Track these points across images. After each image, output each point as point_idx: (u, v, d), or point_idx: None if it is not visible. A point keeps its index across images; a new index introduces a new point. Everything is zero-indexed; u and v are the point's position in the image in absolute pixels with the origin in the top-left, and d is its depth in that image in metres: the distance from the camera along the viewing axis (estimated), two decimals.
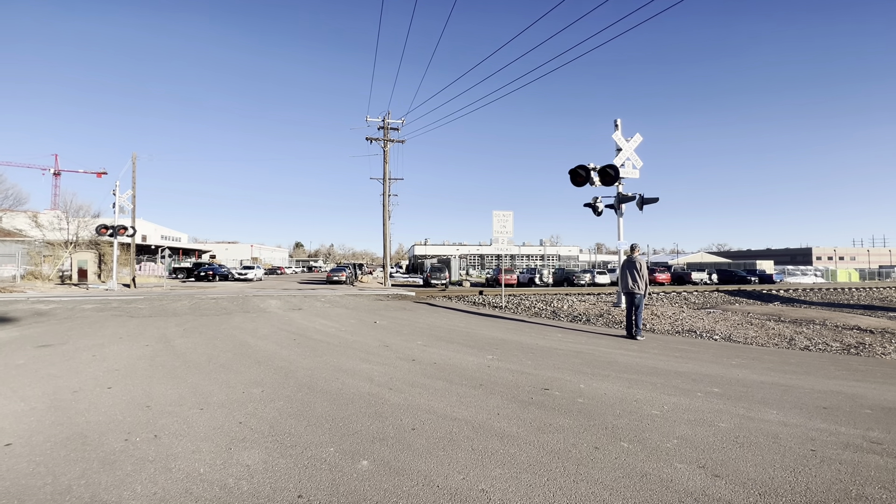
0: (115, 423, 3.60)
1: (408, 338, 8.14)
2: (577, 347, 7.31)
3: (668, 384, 5.01)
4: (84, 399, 4.24)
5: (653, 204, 12.10)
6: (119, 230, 23.64)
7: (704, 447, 3.24)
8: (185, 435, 3.38)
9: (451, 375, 5.31)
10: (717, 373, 5.59)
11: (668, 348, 7.39)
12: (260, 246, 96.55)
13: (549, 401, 4.33)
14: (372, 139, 28.29)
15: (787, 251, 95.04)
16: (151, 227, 67.73)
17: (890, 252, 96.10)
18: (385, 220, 29.15)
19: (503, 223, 13.61)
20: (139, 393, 4.45)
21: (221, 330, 8.88)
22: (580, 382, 5.03)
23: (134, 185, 25.25)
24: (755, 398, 4.49)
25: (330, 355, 6.47)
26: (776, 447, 3.26)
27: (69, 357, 6.17)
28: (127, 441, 3.25)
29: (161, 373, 5.30)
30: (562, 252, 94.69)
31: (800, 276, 50.53)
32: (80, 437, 3.32)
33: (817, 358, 6.84)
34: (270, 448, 3.16)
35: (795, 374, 5.58)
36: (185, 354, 6.40)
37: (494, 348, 7.14)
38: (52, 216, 32.28)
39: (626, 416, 3.90)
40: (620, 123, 12.52)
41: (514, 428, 3.59)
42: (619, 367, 5.86)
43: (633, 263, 8.13)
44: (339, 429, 3.54)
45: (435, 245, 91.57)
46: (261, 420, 3.71)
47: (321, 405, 4.12)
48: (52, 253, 29.94)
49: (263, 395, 4.40)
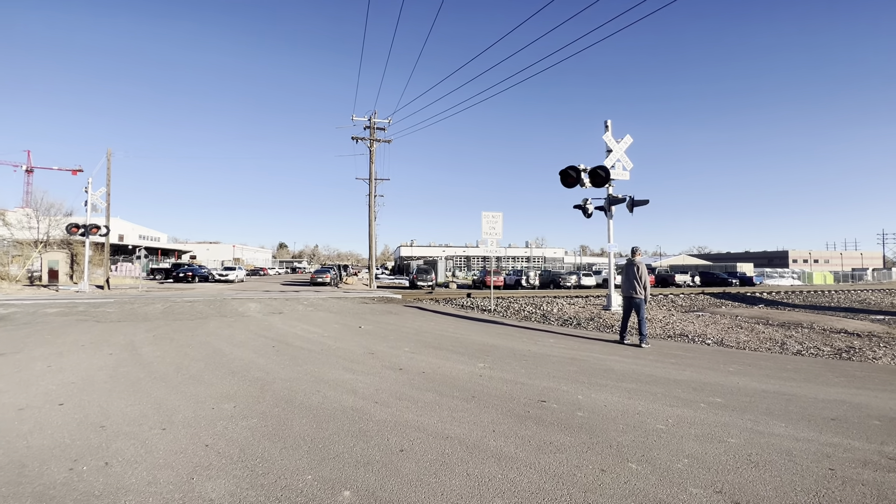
0: (60, 448, 3.17)
1: (394, 344, 7.77)
2: (570, 354, 7.06)
3: (668, 394, 4.77)
4: (30, 418, 3.78)
5: (642, 206, 12.00)
6: (91, 229, 22.65)
7: (718, 468, 2.98)
8: (140, 461, 2.97)
9: (442, 386, 4.98)
10: (716, 381, 5.40)
11: (663, 354, 7.20)
12: (242, 246, 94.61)
13: (546, 415, 4.03)
14: (358, 139, 27.82)
15: (764, 254, 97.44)
16: (129, 227, 65.62)
17: (861, 255, 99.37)
18: (371, 220, 28.68)
19: (492, 224, 13.35)
20: (94, 410, 4.00)
21: (195, 336, 8.36)
22: (578, 393, 4.76)
23: (108, 183, 24.26)
24: (760, 409, 4.28)
25: (311, 364, 6.07)
26: (793, 466, 3.03)
27: (21, 368, 5.63)
28: (71, 471, 2.83)
29: (122, 386, 4.83)
30: (547, 254, 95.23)
31: (778, 279, 51.79)
32: (17, 466, 2.88)
33: (812, 363, 6.74)
34: (239, 477, 2.78)
35: (795, 382, 5.42)
36: (152, 364, 5.92)
37: (485, 355, 6.84)
38: (21, 214, 30.84)
39: (630, 432, 3.63)
40: (611, 125, 12.40)
41: (512, 448, 3.29)
42: (617, 375, 5.62)
43: (634, 267, 7.92)
44: (318, 451, 3.17)
45: (421, 246, 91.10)
46: (230, 442, 3.32)
47: (300, 423, 3.74)
48: (21, 253, 28.57)
49: (235, 412, 4.00)
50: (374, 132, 27.90)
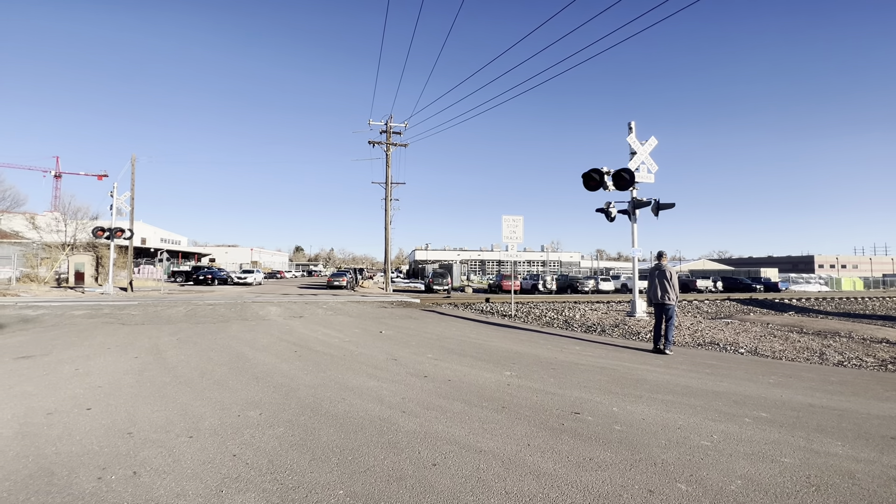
0: (89, 456, 3.12)
1: (417, 350, 7.64)
2: (599, 362, 6.82)
3: (708, 407, 4.53)
4: (59, 423, 3.76)
5: (668, 210, 11.67)
6: (116, 232, 23.20)
7: (776, 491, 2.76)
8: (168, 471, 2.89)
9: (469, 396, 4.82)
10: (757, 393, 5.11)
11: (696, 363, 6.91)
12: (260, 250, 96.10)
13: (582, 428, 3.84)
14: (374, 143, 27.95)
15: (789, 259, 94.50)
16: (151, 230, 67.28)
17: (892, 260, 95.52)
18: (387, 224, 28.74)
19: (513, 228, 13.14)
20: (122, 416, 3.96)
21: (217, 340, 8.38)
22: (612, 405, 4.54)
23: (133, 187, 24.85)
24: (810, 425, 4.01)
25: (334, 370, 5.98)
26: (858, 491, 2.79)
27: (49, 371, 5.67)
28: (100, 480, 2.77)
29: (148, 390, 4.81)
30: (563, 258, 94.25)
31: (804, 285, 50.03)
32: (47, 474, 2.84)
33: (857, 375, 6.37)
34: (269, 490, 2.68)
35: (843, 396, 5.10)
36: (177, 368, 5.91)
37: (511, 363, 6.65)
38: (49, 218, 31.82)
39: (673, 448, 3.41)
40: (634, 126, 12.11)
41: (550, 463, 3.11)
42: (650, 385, 5.38)
43: (664, 272, 7.64)
44: (348, 464, 3.05)
45: (436, 250, 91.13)
46: (258, 452, 3.23)
47: (327, 432, 3.64)
48: (49, 255, 29.47)
49: (262, 420, 3.91)
50: (391, 136, 27.99)
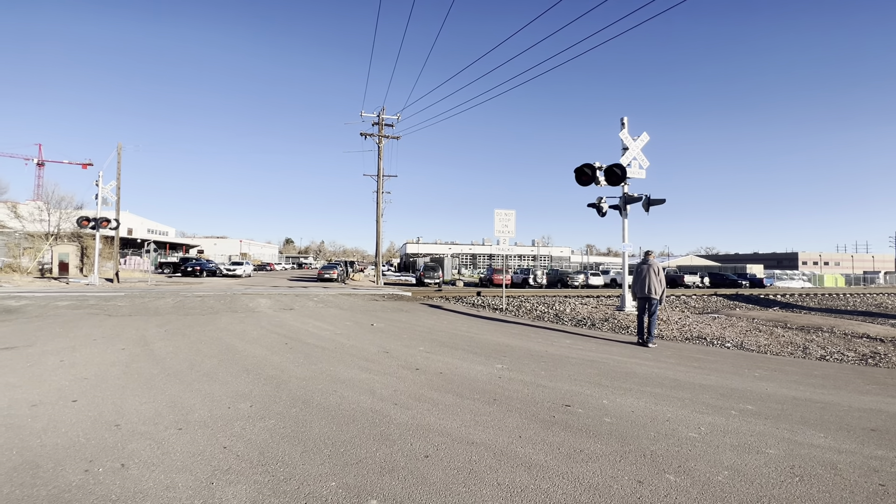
0: (76, 448, 3.07)
1: (408, 343, 7.65)
2: (589, 356, 6.89)
3: (696, 400, 4.61)
4: (43, 415, 3.69)
5: (658, 205, 11.77)
6: (101, 222, 22.75)
7: (762, 481, 2.82)
8: (158, 464, 2.86)
9: (461, 388, 4.84)
10: (743, 386, 5.21)
11: (684, 357, 7.02)
12: (249, 241, 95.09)
13: (573, 420, 3.89)
14: (366, 135, 27.72)
15: (773, 255, 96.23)
16: (138, 221, 65.99)
17: (873, 258, 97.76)
18: (378, 217, 28.61)
19: (505, 222, 13.16)
20: (109, 408, 3.91)
21: (207, 332, 8.29)
22: (602, 397, 4.60)
23: (119, 177, 24.35)
24: (794, 418, 4.10)
25: (325, 362, 5.95)
26: (840, 481, 2.86)
27: (33, 362, 5.56)
28: (87, 472, 2.73)
29: (136, 382, 4.74)
30: (553, 253, 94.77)
31: (788, 281, 51.04)
32: (32, 467, 2.79)
33: (839, 369, 6.52)
34: (260, 482, 2.66)
35: (825, 389, 5.23)
36: (165, 360, 5.83)
37: (502, 356, 6.69)
38: (32, 207, 31.09)
39: (662, 440, 3.47)
40: (627, 122, 12.15)
41: (542, 455, 3.15)
42: (639, 379, 5.45)
43: (651, 266, 7.74)
44: (340, 455, 3.05)
45: (427, 243, 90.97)
46: (249, 444, 3.21)
47: (318, 424, 3.63)
48: (33, 245, 28.82)
49: (252, 412, 3.89)
50: (383, 128, 27.77)
